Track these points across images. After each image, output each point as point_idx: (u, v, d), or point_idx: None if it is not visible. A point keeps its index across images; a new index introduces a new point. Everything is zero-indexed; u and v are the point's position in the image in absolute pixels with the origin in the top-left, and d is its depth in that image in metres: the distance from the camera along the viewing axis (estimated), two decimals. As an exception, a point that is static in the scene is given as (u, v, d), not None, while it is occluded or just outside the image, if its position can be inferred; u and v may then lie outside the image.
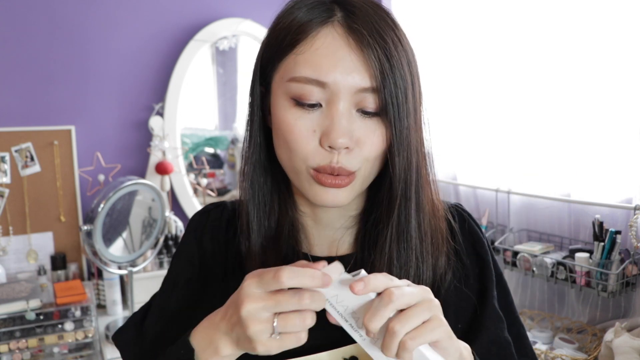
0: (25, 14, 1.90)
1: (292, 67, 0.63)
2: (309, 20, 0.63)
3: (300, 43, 0.63)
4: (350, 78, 0.61)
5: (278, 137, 0.66)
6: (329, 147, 0.62)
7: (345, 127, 0.62)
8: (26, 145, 1.89)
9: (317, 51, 0.62)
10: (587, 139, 1.48)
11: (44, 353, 1.58)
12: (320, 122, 0.63)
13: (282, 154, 0.67)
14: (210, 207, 0.83)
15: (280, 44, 0.65)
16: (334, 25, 0.63)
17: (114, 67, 2.04)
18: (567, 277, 1.43)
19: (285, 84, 0.64)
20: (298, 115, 0.63)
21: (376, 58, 0.61)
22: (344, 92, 0.61)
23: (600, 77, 1.43)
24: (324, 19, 0.63)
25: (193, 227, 0.81)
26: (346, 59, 0.61)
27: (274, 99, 0.66)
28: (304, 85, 0.62)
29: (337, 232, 0.74)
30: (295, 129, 0.63)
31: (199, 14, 2.14)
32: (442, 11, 1.95)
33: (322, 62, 0.61)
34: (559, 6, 1.52)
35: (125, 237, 1.80)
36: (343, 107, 0.62)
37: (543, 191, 1.59)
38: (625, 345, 1.21)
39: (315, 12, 0.64)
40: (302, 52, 0.62)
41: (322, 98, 0.62)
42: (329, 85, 0.61)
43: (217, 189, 2.25)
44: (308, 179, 0.65)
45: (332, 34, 0.62)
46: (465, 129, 1.89)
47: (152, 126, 2.08)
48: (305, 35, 0.63)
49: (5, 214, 1.87)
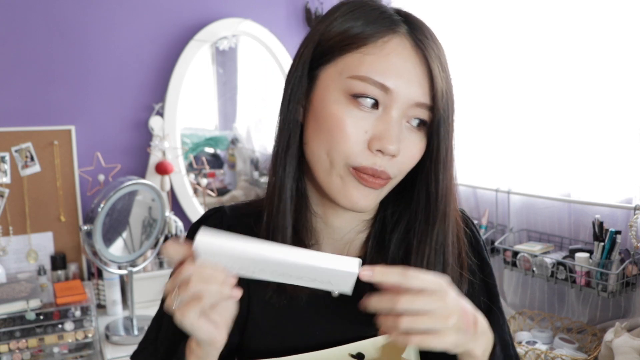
0: (25, 14, 1.90)
1: (357, 66, 0.63)
2: (378, 24, 0.64)
3: (368, 44, 0.63)
4: (412, 90, 0.62)
5: (321, 131, 0.65)
6: (378, 150, 0.63)
7: (397, 135, 0.63)
8: (26, 145, 1.89)
9: (388, 56, 0.62)
10: (587, 139, 1.48)
11: (44, 353, 1.58)
12: (373, 125, 0.63)
13: (319, 148, 0.65)
14: (209, 214, 0.82)
15: (344, 40, 0.64)
16: (403, 34, 0.64)
17: (114, 67, 2.04)
18: (567, 277, 1.43)
19: (344, 80, 0.63)
20: (353, 114, 0.63)
21: (439, 77, 0.63)
22: (403, 102, 0.63)
23: (600, 78, 1.43)
24: (392, 26, 0.64)
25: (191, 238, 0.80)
26: (412, 71, 0.63)
27: (322, 92, 0.65)
28: (368, 86, 0.62)
29: (347, 236, 0.75)
30: (348, 126, 0.62)
31: (199, 14, 2.14)
32: (442, 11, 1.95)
33: (391, 68, 0.62)
34: (558, 6, 1.51)
35: (125, 237, 1.80)
36: (398, 115, 0.63)
37: (543, 191, 1.59)
38: (625, 345, 1.21)
39: (382, 18, 0.64)
40: (371, 54, 0.62)
41: (382, 102, 0.63)
42: (391, 91, 0.62)
43: (217, 189, 2.25)
44: (343, 175, 0.64)
45: (404, 43, 0.63)
46: (465, 129, 1.89)
47: (152, 126, 2.08)
48: (375, 38, 0.63)
49: (5, 214, 1.87)
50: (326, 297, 0.73)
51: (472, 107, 1.85)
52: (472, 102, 1.85)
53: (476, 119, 1.84)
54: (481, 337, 0.61)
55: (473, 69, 1.83)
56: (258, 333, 0.73)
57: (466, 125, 1.88)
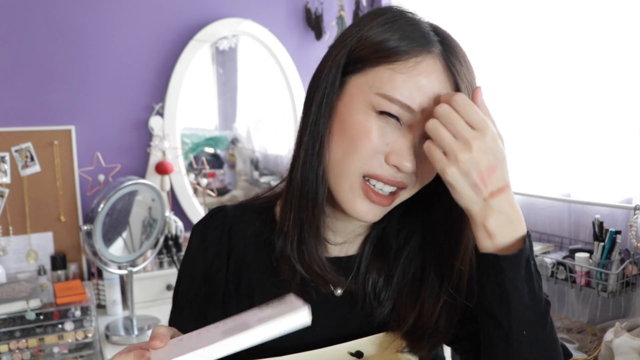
0: (25, 14, 1.90)
1: (386, 83, 0.62)
2: (413, 41, 0.63)
3: (401, 61, 0.62)
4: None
5: (344, 136, 0.65)
6: (394, 166, 0.63)
7: (417, 153, 0.63)
8: (26, 145, 1.89)
9: (418, 77, 0.62)
10: (587, 139, 1.48)
11: (44, 353, 1.58)
12: (395, 139, 0.63)
13: (338, 152, 0.65)
14: (211, 214, 0.82)
15: (376, 52, 0.64)
16: (436, 55, 0.63)
17: (114, 67, 2.04)
18: (567, 277, 1.43)
19: (373, 96, 0.63)
20: (378, 126, 0.63)
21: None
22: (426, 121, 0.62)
23: (600, 78, 1.43)
24: (426, 46, 0.63)
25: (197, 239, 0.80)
26: (439, 93, 0.62)
27: (349, 100, 0.65)
28: (395, 107, 0.62)
29: (349, 236, 0.76)
30: (372, 135, 0.63)
31: (199, 14, 2.14)
32: (442, 13, 1.95)
33: (419, 91, 0.62)
34: (558, 6, 1.52)
35: (125, 237, 1.80)
36: (420, 134, 0.63)
37: (543, 191, 1.59)
38: (625, 345, 1.21)
39: (418, 35, 0.63)
40: (402, 72, 0.62)
41: (406, 121, 0.63)
42: (416, 113, 0.62)
43: (217, 189, 2.25)
44: (354, 186, 0.65)
45: (435, 65, 0.63)
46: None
47: (152, 126, 2.08)
48: (407, 56, 0.62)
49: (5, 214, 1.87)
50: (328, 296, 0.73)
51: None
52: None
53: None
54: (497, 212, 0.60)
55: (473, 69, 1.83)
56: None
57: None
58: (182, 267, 0.81)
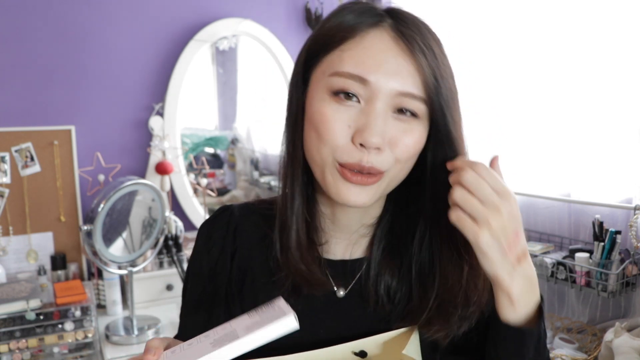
0: (25, 14, 1.90)
1: (336, 62, 0.63)
2: (359, 21, 0.64)
3: (347, 40, 0.63)
4: (392, 79, 0.61)
5: (310, 129, 0.65)
6: (361, 144, 0.62)
7: (380, 127, 0.62)
8: (26, 145, 1.89)
9: (364, 49, 0.62)
10: (587, 139, 1.48)
11: (44, 353, 1.58)
12: (356, 119, 0.63)
13: (312, 146, 0.66)
14: (217, 213, 0.81)
15: (327, 40, 0.65)
16: (384, 28, 0.63)
17: (114, 67, 2.04)
18: (567, 277, 1.43)
19: (326, 79, 0.64)
20: (335, 108, 0.63)
21: (427, 66, 0.62)
22: (384, 93, 0.62)
23: (600, 78, 1.43)
24: (374, 21, 0.64)
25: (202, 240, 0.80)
26: (392, 62, 0.62)
27: (311, 92, 0.66)
28: (346, 80, 0.62)
29: (353, 236, 0.74)
30: (330, 121, 0.63)
31: (199, 14, 2.14)
32: (442, 12, 1.95)
33: (368, 60, 0.62)
34: (558, 6, 1.52)
35: (125, 237, 1.80)
36: (380, 108, 0.62)
37: (543, 191, 1.59)
38: (625, 345, 1.21)
39: (366, 15, 0.64)
40: (349, 49, 0.63)
41: (361, 95, 0.62)
42: (370, 83, 0.61)
43: (217, 189, 2.25)
44: (333, 173, 0.65)
45: (382, 35, 0.63)
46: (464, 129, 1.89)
47: (152, 126, 2.08)
48: (354, 34, 0.63)
49: (5, 214, 1.87)
50: (331, 296, 0.73)
51: (472, 107, 1.85)
52: (471, 103, 1.85)
53: (476, 119, 1.84)
54: (522, 278, 0.60)
55: (473, 70, 1.83)
56: None
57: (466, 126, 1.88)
58: (188, 267, 0.82)
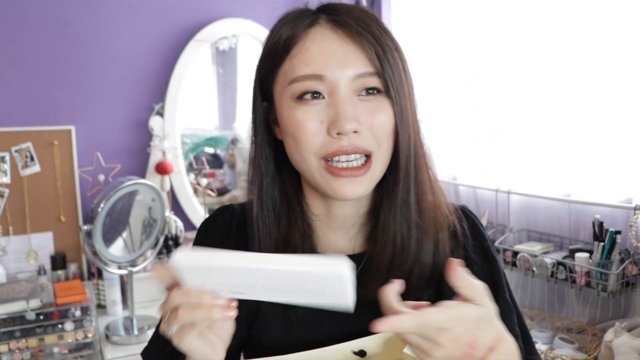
0: (26, 14, 1.90)
1: (289, 71, 0.67)
2: (296, 27, 0.68)
3: (292, 48, 0.67)
4: (345, 67, 0.65)
5: (288, 139, 0.68)
6: (338, 134, 0.64)
7: (350, 112, 0.64)
8: (26, 145, 1.89)
9: (310, 49, 0.66)
10: (587, 139, 1.48)
11: (44, 353, 1.58)
12: (326, 113, 0.65)
13: (295, 153, 0.68)
14: (218, 212, 0.82)
15: (274, 56, 0.69)
16: (320, 24, 0.67)
17: (114, 67, 2.04)
18: (567, 277, 1.43)
19: (287, 89, 0.67)
20: (304, 110, 0.66)
21: (369, 44, 0.65)
22: (342, 81, 0.65)
23: (600, 77, 1.43)
24: (309, 22, 0.68)
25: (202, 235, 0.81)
26: (338, 51, 0.65)
27: (279, 106, 0.69)
28: (304, 82, 0.65)
29: (351, 230, 0.76)
30: (303, 123, 0.65)
31: (199, 14, 2.14)
32: (442, 12, 1.95)
33: (316, 57, 0.65)
34: (559, 7, 1.51)
35: (125, 237, 1.80)
36: (344, 95, 0.65)
37: (543, 191, 1.59)
38: (625, 345, 1.21)
39: (300, 20, 0.68)
40: (296, 55, 0.67)
41: (323, 90, 0.65)
42: (326, 77, 0.65)
43: (217, 189, 2.25)
44: (322, 173, 0.67)
45: (321, 31, 0.67)
46: (465, 129, 1.89)
47: (152, 126, 2.08)
48: (296, 40, 0.67)
49: (5, 214, 1.87)
50: None
51: (472, 108, 1.85)
52: (472, 103, 1.85)
53: (476, 119, 1.84)
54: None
55: (473, 70, 1.83)
56: (266, 328, 0.74)
57: (466, 126, 1.88)
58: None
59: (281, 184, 0.74)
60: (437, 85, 1.99)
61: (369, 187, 0.68)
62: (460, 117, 1.90)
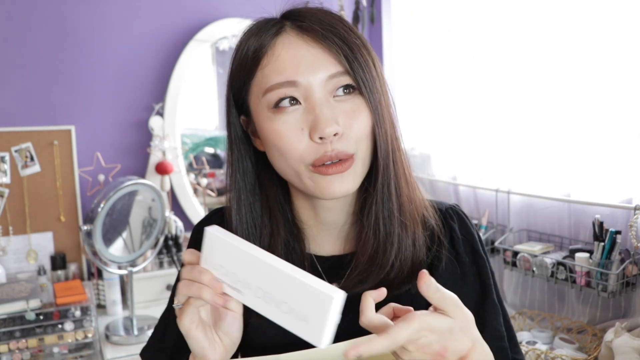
0: (26, 14, 1.90)
1: (262, 81, 0.67)
2: (262, 37, 0.68)
3: (262, 59, 0.67)
4: (316, 71, 0.65)
5: (271, 149, 0.68)
6: (320, 138, 0.64)
7: (328, 114, 0.64)
8: (26, 145, 1.89)
9: (279, 57, 0.66)
10: (587, 139, 1.48)
11: (44, 353, 1.58)
12: (304, 119, 0.65)
13: (280, 163, 0.68)
14: (212, 214, 0.83)
15: (245, 68, 0.69)
16: (286, 31, 0.68)
17: (114, 67, 2.04)
18: (567, 277, 1.43)
19: (262, 99, 0.67)
20: (283, 120, 0.66)
21: (336, 45, 0.65)
22: (316, 85, 0.65)
23: (600, 78, 1.43)
24: (275, 30, 0.68)
25: (195, 237, 0.82)
26: (307, 56, 0.65)
27: (257, 118, 0.69)
28: (278, 90, 0.65)
29: (342, 231, 0.76)
30: (284, 133, 0.65)
31: (199, 14, 2.14)
32: (442, 12, 1.95)
33: (287, 65, 0.65)
34: (559, 6, 1.52)
35: (125, 237, 1.80)
36: (319, 98, 0.65)
37: (543, 191, 1.59)
38: (625, 345, 1.21)
39: (265, 29, 0.69)
40: (267, 65, 0.67)
41: (298, 96, 0.65)
42: (299, 82, 0.65)
43: (217, 189, 2.25)
44: (310, 176, 0.67)
45: (288, 38, 0.67)
46: (465, 129, 1.89)
47: (152, 126, 2.08)
48: (265, 50, 0.67)
49: (5, 214, 1.87)
50: None
51: (472, 108, 1.85)
52: (472, 103, 1.85)
53: (476, 120, 1.84)
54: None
55: (473, 70, 1.83)
56: (261, 327, 0.74)
57: (466, 126, 1.89)
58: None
59: (262, 197, 0.75)
60: (437, 85, 1.99)
61: (355, 182, 0.68)
62: (460, 117, 1.90)
